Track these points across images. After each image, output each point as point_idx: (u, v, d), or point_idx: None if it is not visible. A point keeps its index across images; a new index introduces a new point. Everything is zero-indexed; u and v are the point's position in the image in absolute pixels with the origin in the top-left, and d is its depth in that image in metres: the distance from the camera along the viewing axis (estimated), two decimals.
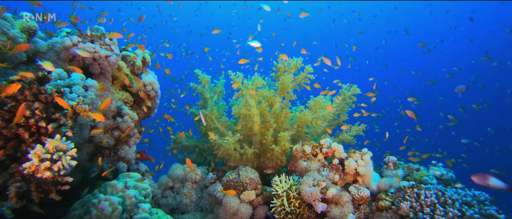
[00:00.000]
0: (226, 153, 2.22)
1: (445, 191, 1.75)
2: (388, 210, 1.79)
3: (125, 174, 1.81)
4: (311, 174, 1.87)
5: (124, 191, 1.60)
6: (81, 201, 1.54)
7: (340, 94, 2.66)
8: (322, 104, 2.47)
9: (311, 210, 1.78)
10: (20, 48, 1.44)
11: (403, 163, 2.38)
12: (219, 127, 2.48)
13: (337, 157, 2.01)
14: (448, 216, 1.58)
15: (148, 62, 2.41)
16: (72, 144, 1.24)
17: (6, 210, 1.19)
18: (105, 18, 2.61)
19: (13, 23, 1.65)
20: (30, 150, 1.17)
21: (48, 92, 1.30)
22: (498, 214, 1.62)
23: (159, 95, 2.39)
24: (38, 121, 1.26)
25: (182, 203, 2.18)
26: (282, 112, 2.37)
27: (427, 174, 2.19)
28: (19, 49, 1.45)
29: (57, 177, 1.18)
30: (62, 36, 1.84)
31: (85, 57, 1.80)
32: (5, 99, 1.21)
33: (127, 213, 1.54)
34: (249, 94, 2.26)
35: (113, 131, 1.99)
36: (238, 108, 2.31)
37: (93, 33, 1.93)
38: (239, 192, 2.02)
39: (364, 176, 1.94)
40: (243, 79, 2.28)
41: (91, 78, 1.76)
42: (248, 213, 1.96)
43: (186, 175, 2.27)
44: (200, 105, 2.80)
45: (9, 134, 1.22)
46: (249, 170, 2.11)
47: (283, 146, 2.16)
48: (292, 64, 2.38)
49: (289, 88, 2.38)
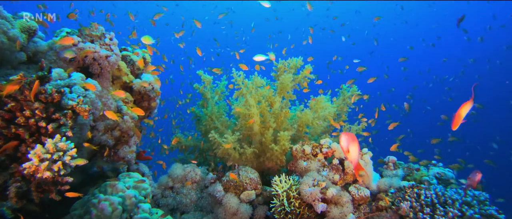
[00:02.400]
0: (226, 152, 2.22)
1: (445, 191, 1.75)
2: (388, 210, 1.79)
3: (125, 174, 1.82)
4: (311, 174, 1.87)
5: (124, 191, 1.60)
6: (81, 201, 1.54)
7: (340, 94, 2.66)
8: (322, 104, 2.47)
9: (311, 210, 1.78)
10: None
11: (403, 163, 2.38)
12: (219, 127, 2.48)
13: (337, 157, 2.01)
14: (448, 216, 1.58)
15: (148, 62, 2.41)
16: (72, 144, 1.24)
17: (6, 210, 1.19)
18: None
19: (13, 23, 1.65)
20: (30, 150, 1.17)
21: (48, 92, 1.30)
22: (498, 214, 1.62)
23: (159, 95, 2.39)
24: (38, 121, 1.26)
25: (182, 203, 2.18)
26: (281, 112, 2.37)
27: (427, 174, 2.19)
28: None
29: (57, 177, 1.18)
30: (62, 36, 1.84)
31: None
32: (5, 99, 1.21)
33: (127, 213, 1.54)
34: (249, 93, 2.26)
35: (113, 131, 1.99)
36: (238, 108, 2.31)
37: (93, 33, 1.93)
38: (239, 192, 2.02)
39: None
40: (243, 79, 2.29)
41: (91, 78, 1.76)
42: (248, 213, 1.96)
43: (186, 175, 2.27)
44: (201, 105, 2.80)
45: (9, 134, 1.22)
46: (249, 170, 2.11)
47: (283, 145, 2.16)
48: (292, 64, 2.38)
49: (289, 88, 2.38)
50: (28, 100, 1.25)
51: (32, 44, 1.77)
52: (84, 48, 1.81)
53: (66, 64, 1.81)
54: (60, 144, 1.20)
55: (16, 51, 1.63)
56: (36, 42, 1.79)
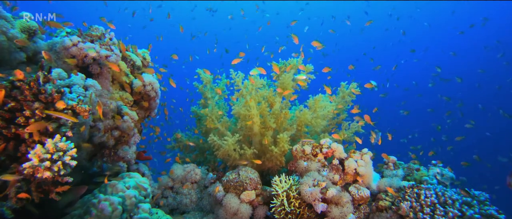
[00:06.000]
0: (226, 154, 2.22)
1: (445, 191, 1.75)
2: (388, 210, 1.79)
3: (125, 174, 1.82)
4: (311, 174, 1.87)
5: (124, 191, 1.60)
6: (81, 201, 1.54)
7: (339, 92, 2.65)
8: (321, 103, 2.47)
9: (311, 210, 1.77)
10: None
11: (403, 163, 2.38)
12: (219, 127, 2.48)
13: (337, 157, 2.01)
14: (448, 216, 1.58)
15: (148, 62, 2.41)
16: (72, 144, 1.24)
17: (6, 210, 1.19)
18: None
19: (13, 23, 1.65)
20: (30, 150, 1.17)
21: (48, 92, 1.30)
22: (498, 214, 1.62)
23: (159, 95, 2.39)
24: (38, 121, 1.26)
25: (182, 203, 2.18)
26: (281, 112, 2.36)
27: (427, 174, 2.19)
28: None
29: (57, 177, 1.18)
30: (62, 36, 1.84)
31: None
32: (5, 99, 1.21)
33: (127, 213, 1.54)
34: (249, 94, 2.26)
35: (113, 131, 1.99)
36: (238, 108, 2.31)
37: (93, 33, 1.93)
38: (239, 192, 2.02)
39: (364, 176, 1.94)
40: (243, 79, 2.28)
41: (91, 78, 1.76)
42: (248, 213, 1.96)
43: (186, 175, 2.27)
44: (201, 105, 2.80)
45: (9, 134, 1.22)
46: (249, 170, 2.11)
47: (282, 147, 2.16)
48: (292, 64, 2.38)
49: (289, 88, 2.38)
50: (28, 100, 1.25)
51: (32, 44, 1.77)
52: (84, 48, 1.81)
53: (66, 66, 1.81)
54: (60, 144, 1.20)
55: (15, 51, 1.63)
56: (36, 42, 1.79)
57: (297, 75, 2.42)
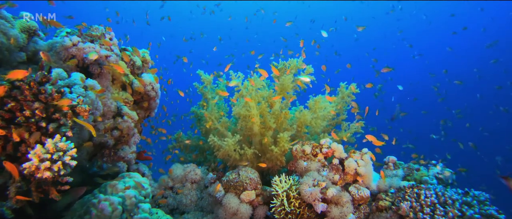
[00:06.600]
0: (226, 154, 2.22)
1: (445, 191, 1.75)
2: (388, 210, 1.79)
3: (125, 174, 1.82)
4: (311, 174, 1.87)
5: (124, 191, 1.60)
6: (81, 201, 1.54)
7: (339, 92, 2.65)
8: (321, 104, 2.47)
9: (311, 210, 1.77)
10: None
11: (403, 163, 2.38)
12: (219, 128, 2.48)
13: (337, 157, 2.01)
14: (448, 216, 1.58)
15: (148, 62, 2.41)
16: (72, 144, 1.24)
17: (6, 210, 1.19)
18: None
19: (13, 23, 1.65)
20: (30, 150, 1.17)
21: (48, 92, 1.30)
22: (498, 214, 1.62)
23: (159, 95, 2.40)
24: (38, 121, 1.26)
25: (182, 203, 2.18)
26: (281, 113, 2.36)
27: (427, 174, 2.19)
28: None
29: (57, 177, 1.18)
30: (62, 36, 1.84)
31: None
32: (5, 99, 1.21)
33: (127, 213, 1.54)
34: (249, 95, 2.26)
35: (113, 131, 1.99)
36: (238, 109, 2.31)
37: (93, 33, 1.93)
38: (239, 192, 2.02)
39: (364, 176, 1.94)
40: (242, 80, 2.28)
41: (91, 78, 1.76)
42: (248, 213, 1.96)
43: (186, 175, 2.27)
44: (201, 105, 2.80)
45: (9, 134, 1.22)
46: (249, 170, 2.11)
47: (283, 147, 2.16)
48: (292, 64, 2.38)
49: (289, 89, 2.38)
50: (28, 100, 1.25)
51: (32, 44, 1.77)
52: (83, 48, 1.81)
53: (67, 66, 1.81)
54: (60, 144, 1.20)
55: (15, 51, 1.63)
56: (36, 42, 1.80)
57: (298, 75, 2.42)
